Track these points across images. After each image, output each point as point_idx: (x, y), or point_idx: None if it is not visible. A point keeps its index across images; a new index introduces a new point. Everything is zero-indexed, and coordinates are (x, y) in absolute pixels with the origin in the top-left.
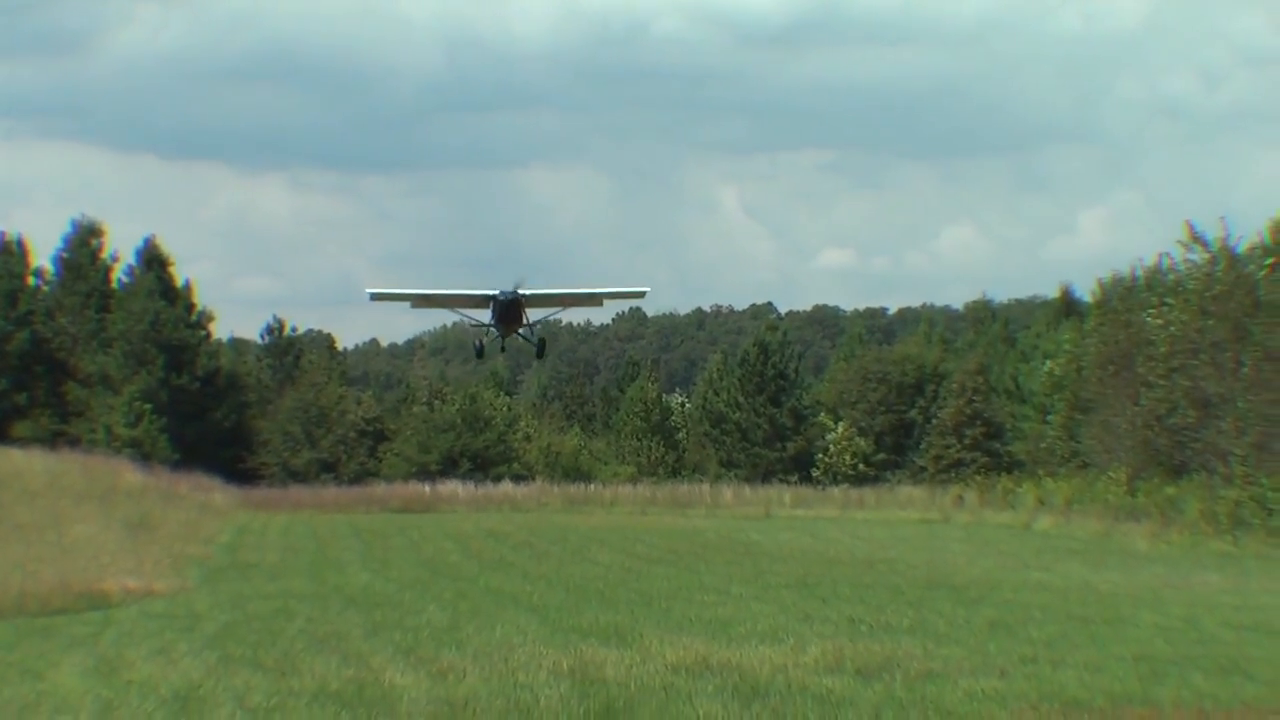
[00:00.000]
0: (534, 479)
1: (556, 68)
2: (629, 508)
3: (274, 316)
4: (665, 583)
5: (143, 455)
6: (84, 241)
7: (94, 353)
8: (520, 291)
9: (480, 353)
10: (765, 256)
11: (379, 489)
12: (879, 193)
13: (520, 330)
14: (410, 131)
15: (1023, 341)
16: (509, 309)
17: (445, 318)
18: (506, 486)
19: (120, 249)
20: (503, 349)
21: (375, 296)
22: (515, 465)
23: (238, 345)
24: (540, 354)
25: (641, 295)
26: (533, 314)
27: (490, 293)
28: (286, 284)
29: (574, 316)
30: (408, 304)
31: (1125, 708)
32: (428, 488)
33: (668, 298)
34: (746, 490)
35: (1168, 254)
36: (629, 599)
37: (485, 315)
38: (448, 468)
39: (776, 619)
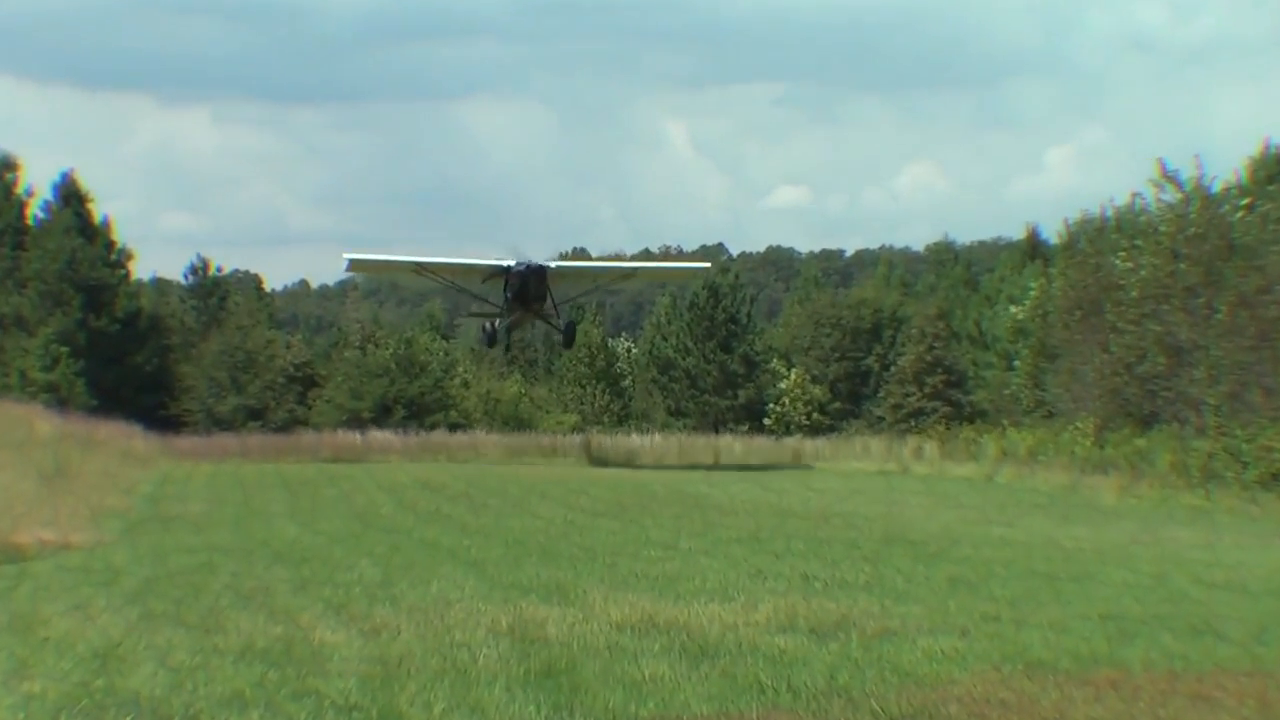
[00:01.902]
0: (472, 427)
1: None
2: (573, 458)
3: (198, 256)
4: (610, 537)
5: (59, 401)
6: None
7: (7, 293)
8: (544, 264)
9: (491, 340)
10: (716, 195)
11: (308, 437)
12: (835, 128)
13: (540, 312)
14: (342, 61)
15: (986, 285)
16: (529, 285)
17: (391, 254)
18: (443, 435)
19: (36, 184)
20: (509, 348)
21: (355, 265)
22: (452, 413)
23: (160, 286)
24: (569, 343)
25: (701, 272)
26: (556, 293)
27: (504, 264)
28: (211, 222)
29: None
30: (387, 276)
31: (1092, 669)
32: (360, 436)
33: (613, 238)
34: (689, 440)
35: (1139, 194)
36: (571, 554)
37: (488, 292)
38: (381, 415)
39: (726, 575)
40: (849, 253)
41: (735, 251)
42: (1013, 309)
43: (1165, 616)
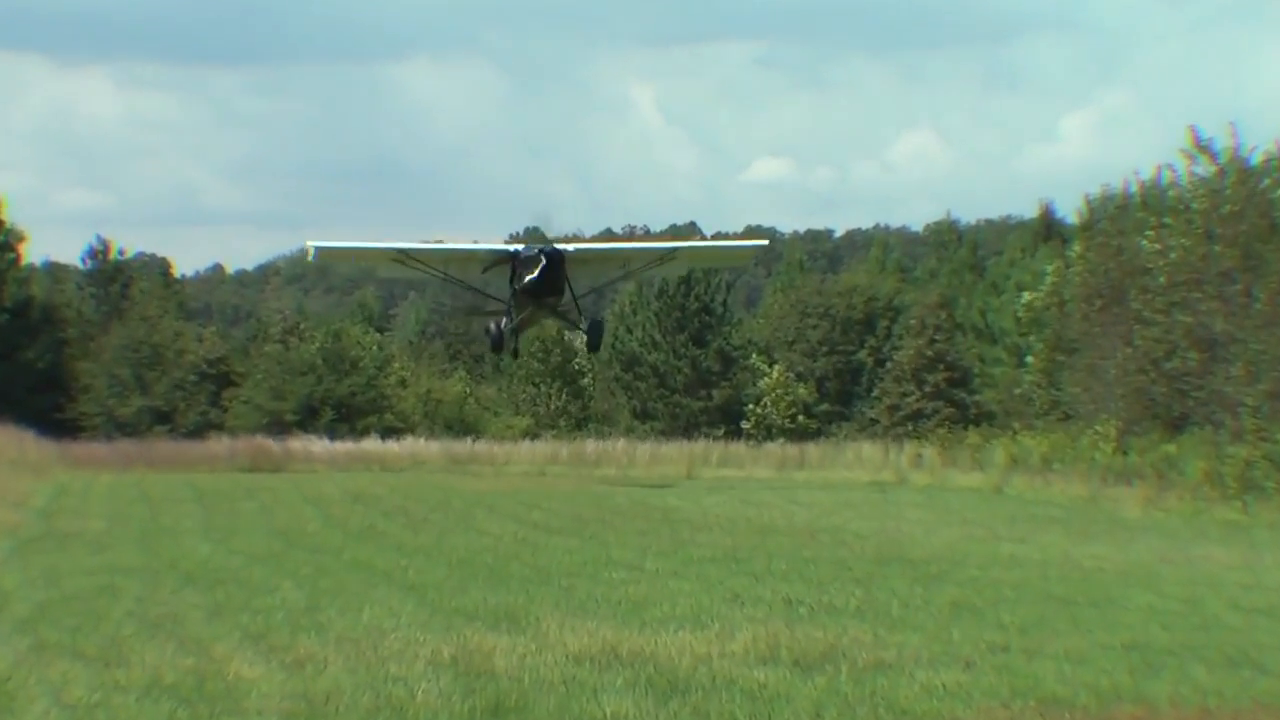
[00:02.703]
0: (410, 432)
1: None
2: (524, 467)
3: (98, 237)
4: (567, 556)
5: None
6: None
7: None
8: (563, 248)
9: (498, 344)
10: (687, 168)
11: (223, 444)
12: (822, 92)
13: (557, 308)
14: (262, 16)
15: (994, 270)
16: (543, 275)
17: (304, 237)
18: (377, 441)
19: None
20: (516, 351)
21: (325, 254)
22: (388, 416)
23: (54, 271)
24: (594, 345)
25: (754, 251)
26: (574, 281)
27: (509, 249)
28: (113, 198)
29: (452, 235)
30: (363, 265)
31: (1114, 705)
32: (282, 442)
33: (572, 217)
34: (665, 446)
35: (1168, 166)
36: (523, 575)
37: (489, 283)
38: (306, 418)
39: (699, 599)
40: (838, 233)
41: (709, 232)
42: (1024, 297)
43: (1197, 646)
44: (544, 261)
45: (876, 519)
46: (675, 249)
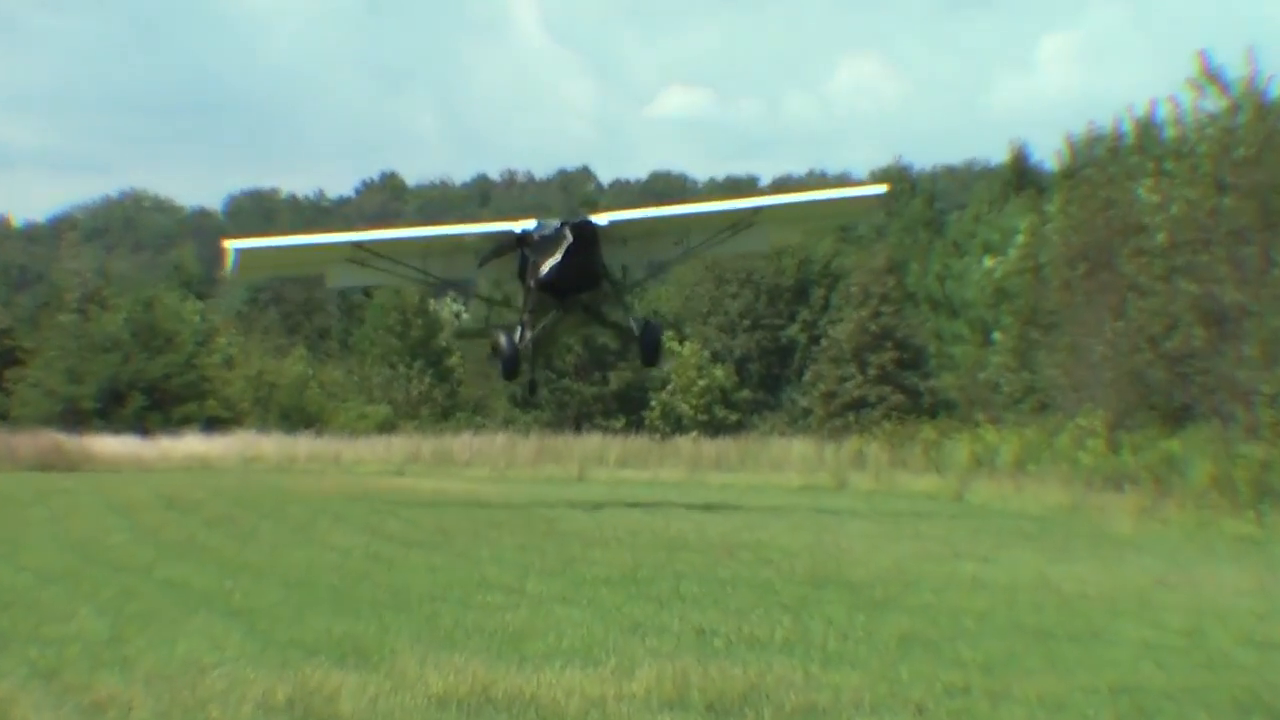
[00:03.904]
0: (239, 424)
1: None
2: (379, 466)
3: None
4: (430, 576)
5: None
6: None
7: None
8: (594, 218)
9: (510, 366)
10: (580, 100)
11: (5, 437)
12: (745, 8)
13: (593, 307)
14: None
15: (955, 228)
16: (571, 260)
17: (109, 184)
18: (197, 435)
19: None
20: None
21: (249, 258)
22: (211, 403)
23: None
24: (651, 357)
25: (870, 203)
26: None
27: (512, 228)
28: None
29: (291, 181)
30: (305, 272)
31: None
32: (79, 436)
33: (437, 158)
34: (551, 441)
35: (1169, 100)
36: (376, 599)
37: (488, 281)
38: (110, 406)
39: (591, 629)
40: (765, 180)
41: (606, 179)
42: (990, 261)
43: (1200, 689)
44: (569, 239)
45: (809, 532)
46: (758, 208)
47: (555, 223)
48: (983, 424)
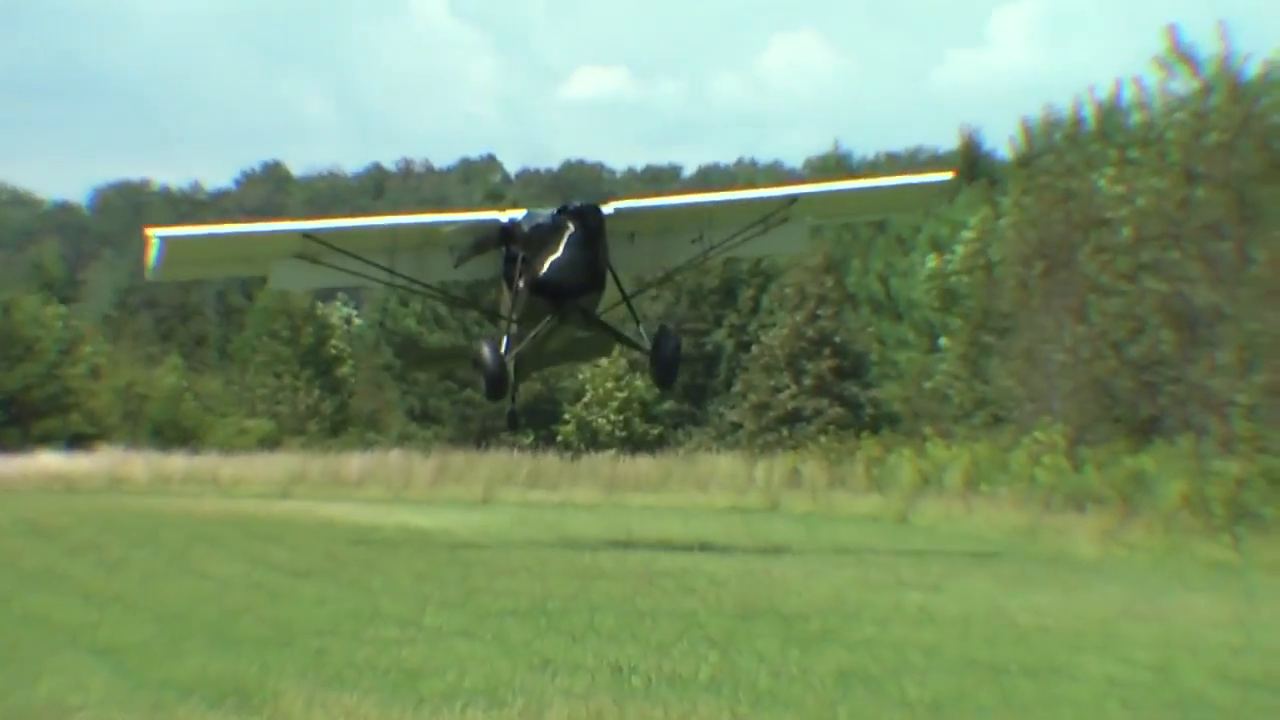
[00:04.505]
0: (106, 440)
1: None
2: (262, 487)
3: None
4: (317, 609)
5: None
6: None
7: None
8: (597, 205)
9: (498, 381)
10: (484, 81)
11: None
12: None
13: (593, 313)
14: None
15: (899, 222)
16: (572, 255)
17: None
18: (60, 452)
19: None
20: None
21: (175, 248)
22: (75, 417)
23: None
24: (667, 375)
25: (931, 192)
26: (626, 263)
27: (497, 218)
28: None
29: (164, 172)
30: (242, 271)
31: None
32: None
33: (329, 146)
34: (453, 459)
35: (1134, 81)
36: (258, 635)
37: (467, 280)
38: None
39: (496, 667)
40: (689, 171)
41: (513, 169)
42: (934, 259)
43: None
44: (570, 230)
45: (738, 558)
46: (794, 196)
47: (551, 211)
48: (930, 439)
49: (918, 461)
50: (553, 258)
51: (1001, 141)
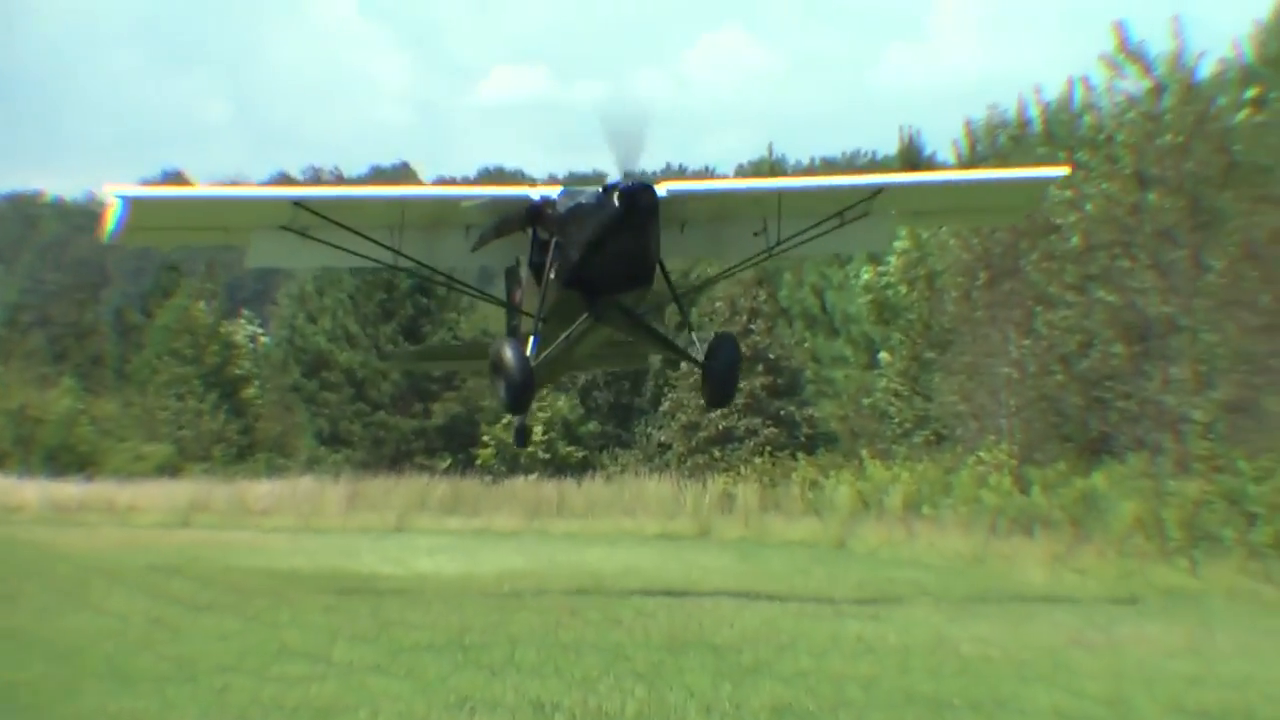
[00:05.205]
0: None
1: None
2: (161, 516)
3: None
4: (221, 644)
5: None
6: None
7: None
8: (648, 182)
9: (521, 391)
10: (395, 82)
11: None
12: None
13: (639, 314)
14: None
15: None
16: (621, 239)
17: None
18: None
19: None
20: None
21: (140, 211)
22: None
23: None
24: (722, 392)
25: (1042, 189)
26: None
27: (527, 193)
28: None
29: (56, 182)
30: (214, 239)
31: None
32: None
33: (229, 151)
34: (366, 485)
35: (1083, 80)
36: (159, 672)
37: (490, 266)
38: None
39: (411, 705)
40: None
41: (430, 177)
42: (868, 272)
43: None
44: (617, 212)
45: (665, 586)
46: (880, 186)
47: (595, 189)
48: (869, 459)
49: (856, 484)
50: (591, 245)
51: (944, 144)
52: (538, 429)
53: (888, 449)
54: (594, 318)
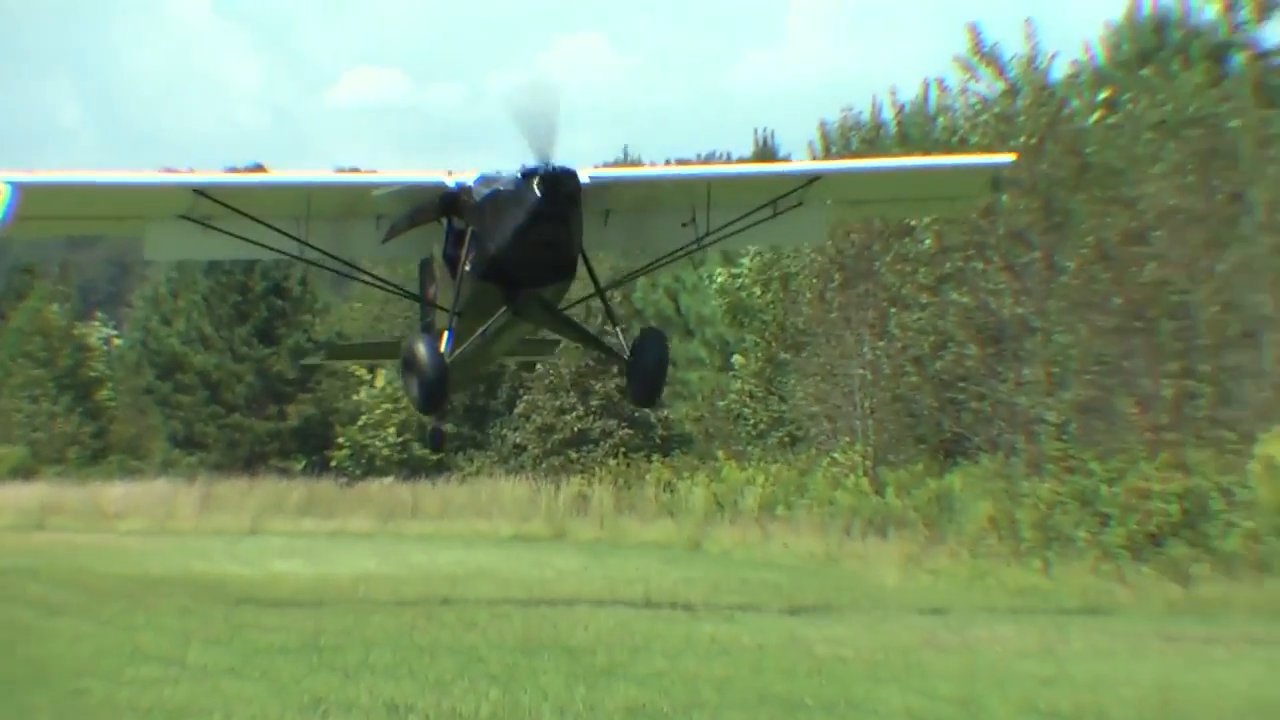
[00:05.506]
0: None
1: None
2: (13, 519)
3: None
4: (75, 647)
5: None
6: None
7: None
8: (571, 168)
9: (435, 390)
10: (247, 83)
11: None
12: None
13: (557, 309)
14: None
15: None
16: (540, 227)
17: None
18: None
19: None
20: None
21: (32, 197)
22: None
23: None
24: (648, 389)
25: (985, 177)
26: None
27: (441, 180)
28: None
29: None
30: (111, 229)
31: None
32: None
33: (83, 153)
34: (220, 487)
35: (937, 81)
36: (12, 675)
37: (403, 258)
38: None
39: (266, 707)
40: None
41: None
42: (720, 274)
43: None
44: (537, 195)
45: (521, 588)
46: (816, 174)
47: (513, 174)
48: (724, 461)
49: (711, 485)
50: (510, 233)
51: (798, 147)
52: (393, 430)
53: (743, 450)
54: (512, 312)
